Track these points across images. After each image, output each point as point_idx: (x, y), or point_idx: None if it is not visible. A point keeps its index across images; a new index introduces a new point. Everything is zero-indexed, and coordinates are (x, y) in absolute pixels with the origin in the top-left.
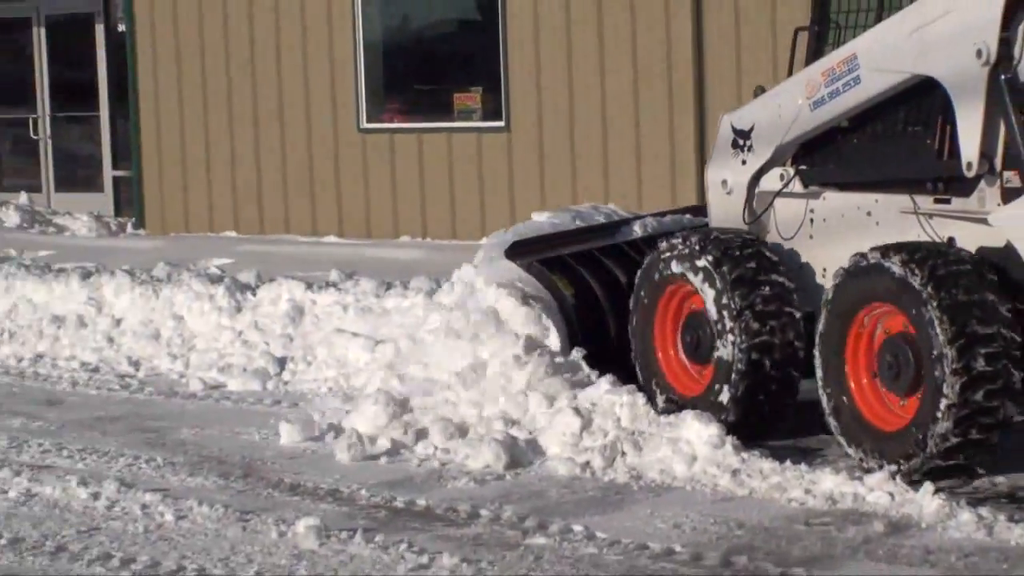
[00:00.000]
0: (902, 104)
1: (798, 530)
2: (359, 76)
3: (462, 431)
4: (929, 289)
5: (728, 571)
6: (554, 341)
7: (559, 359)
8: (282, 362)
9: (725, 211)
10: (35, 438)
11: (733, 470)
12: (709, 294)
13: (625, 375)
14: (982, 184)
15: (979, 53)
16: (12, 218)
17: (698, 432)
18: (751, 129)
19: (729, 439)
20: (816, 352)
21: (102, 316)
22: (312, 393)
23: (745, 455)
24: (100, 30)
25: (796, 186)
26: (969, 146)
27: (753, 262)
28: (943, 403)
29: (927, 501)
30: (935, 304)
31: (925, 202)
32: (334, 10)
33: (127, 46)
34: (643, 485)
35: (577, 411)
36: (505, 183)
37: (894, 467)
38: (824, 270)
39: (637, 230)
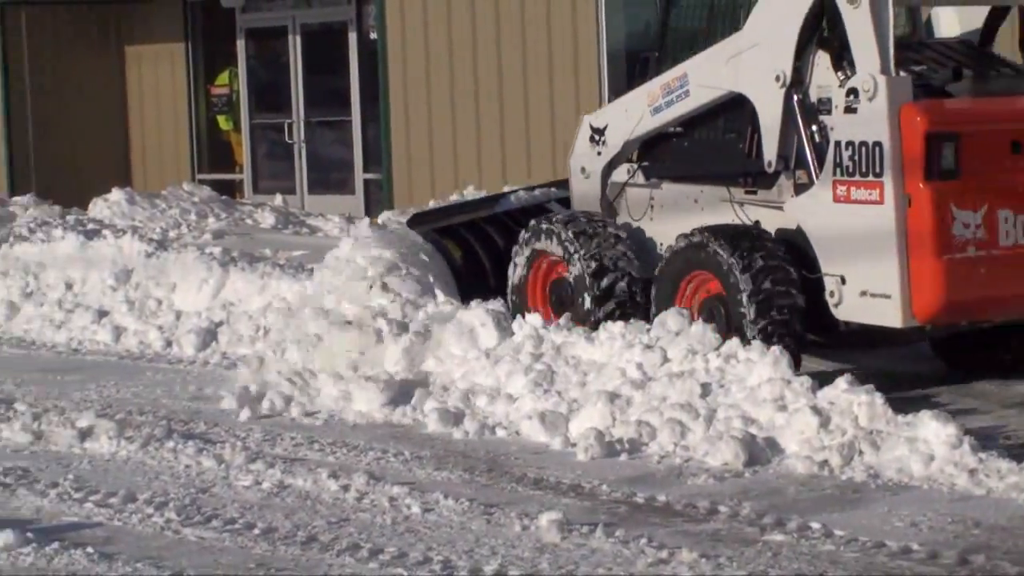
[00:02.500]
0: (721, 115)
1: None
2: (603, 83)
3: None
4: (736, 259)
5: (965, 570)
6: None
7: None
8: None
9: (584, 193)
10: (288, 432)
11: (970, 469)
12: (571, 263)
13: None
14: (781, 179)
15: (777, 77)
16: (267, 219)
17: (936, 432)
18: (605, 127)
19: (967, 439)
20: (652, 306)
21: None
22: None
23: (983, 455)
24: (353, 38)
25: (640, 178)
26: (769, 149)
27: (602, 238)
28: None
29: None
30: (740, 270)
31: (738, 193)
32: (579, 17)
33: (378, 53)
34: (880, 484)
35: (815, 410)
36: None
37: None
38: (662, 244)
39: (513, 202)
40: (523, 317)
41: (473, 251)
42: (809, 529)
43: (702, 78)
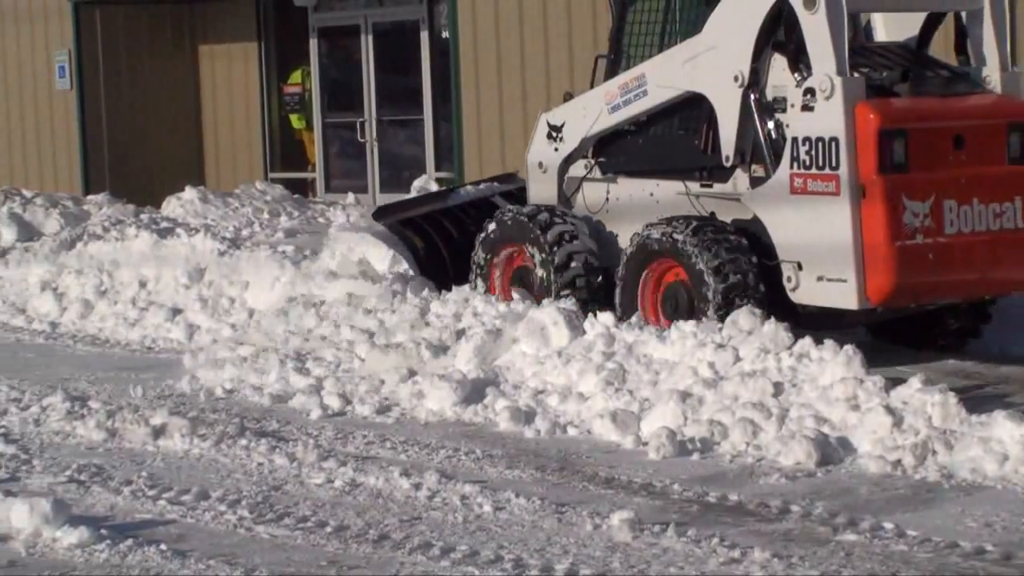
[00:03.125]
0: (676, 113)
1: None
2: None
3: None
4: (699, 249)
5: None
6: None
7: None
8: None
9: (541, 187)
10: (360, 430)
11: None
12: (534, 254)
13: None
14: (736, 173)
15: (736, 78)
16: (339, 218)
17: (1010, 431)
18: (563, 125)
19: None
20: (616, 293)
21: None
22: None
23: None
24: (424, 37)
25: (597, 173)
26: (727, 145)
27: (563, 229)
28: None
29: None
30: (704, 260)
31: (694, 186)
32: None
33: (450, 52)
34: (954, 484)
35: (889, 409)
36: None
37: None
38: (618, 236)
39: (462, 195)
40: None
41: (432, 241)
42: (882, 529)
43: (660, 79)
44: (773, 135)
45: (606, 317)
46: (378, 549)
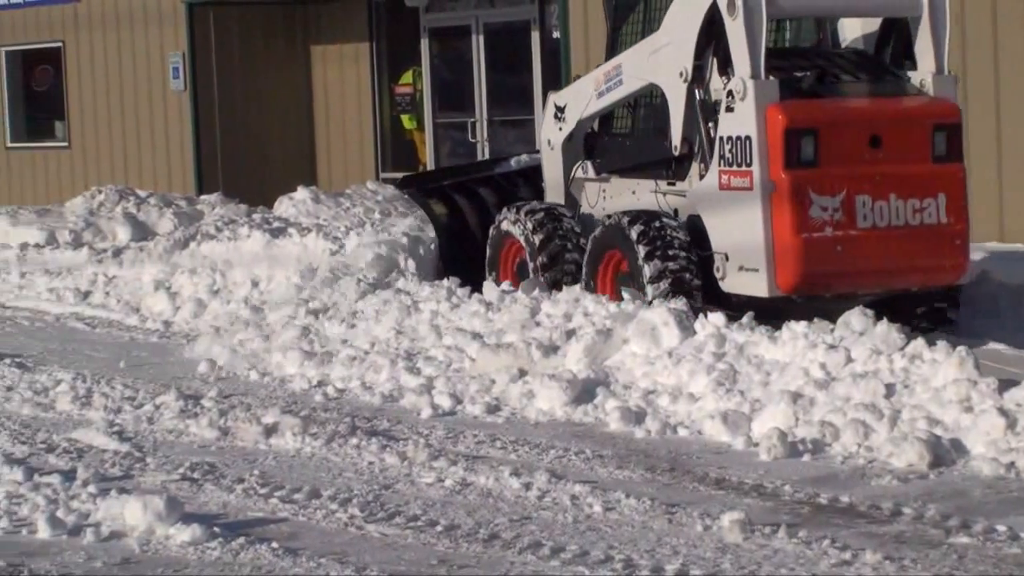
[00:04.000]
0: (651, 113)
1: None
2: None
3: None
4: (639, 240)
5: None
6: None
7: None
8: None
9: (550, 164)
10: (470, 429)
11: None
12: (527, 247)
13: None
14: (692, 172)
15: (681, 73)
16: None
17: None
18: (565, 106)
19: None
20: (583, 276)
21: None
22: None
23: None
24: (535, 37)
25: (592, 173)
26: (675, 135)
27: (553, 225)
28: None
29: None
30: (642, 250)
31: (663, 185)
32: None
33: (561, 52)
34: None
35: (1002, 411)
36: None
37: None
38: None
39: (512, 165)
40: (496, 284)
41: (458, 210)
42: (995, 532)
43: (631, 69)
44: (712, 134)
45: (717, 317)
46: (488, 548)
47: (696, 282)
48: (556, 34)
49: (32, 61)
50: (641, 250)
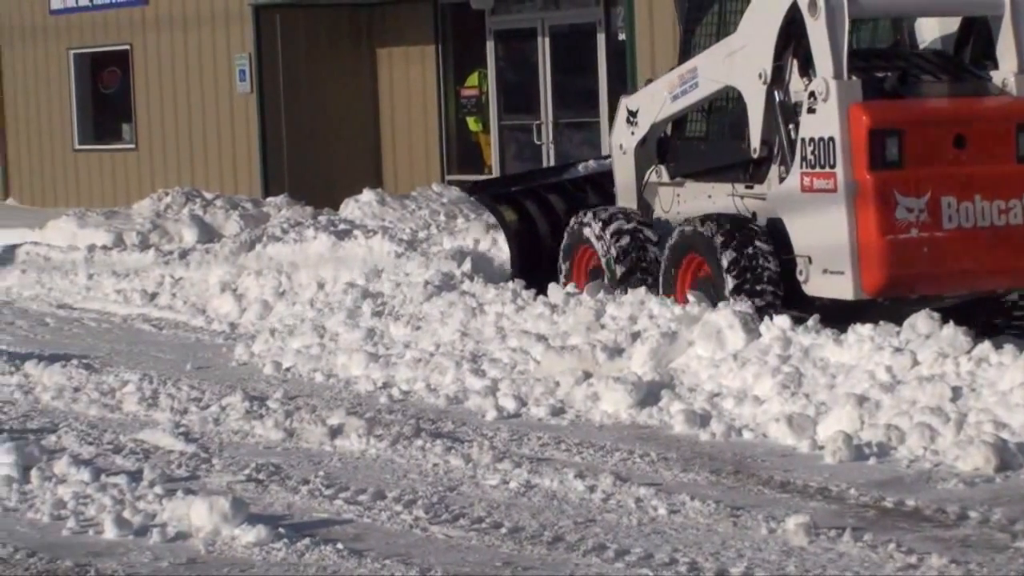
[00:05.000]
0: (728, 118)
1: None
2: None
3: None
4: (724, 248)
5: None
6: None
7: None
8: None
9: (622, 168)
10: (534, 432)
11: None
12: (602, 254)
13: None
14: (771, 173)
15: (760, 75)
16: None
17: None
18: (638, 110)
19: None
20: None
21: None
22: None
23: None
24: (601, 39)
25: (665, 177)
26: (754, 137)
27: (630, 230)
28: None
29: None
30: (726, 259)
31: (740, 188)
32: None
33: (627, 54)
34: None
35: None
36: None
37: None
38: None
39: (580, 171)
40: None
41: (528, 216)
42: None
43: (707, 72)
44: (792, 136)
45: (782, 320)
46: (552, 551)
47: (779, 295)
48: (622, 36)
49: (100, 64)
50: (725, 259)
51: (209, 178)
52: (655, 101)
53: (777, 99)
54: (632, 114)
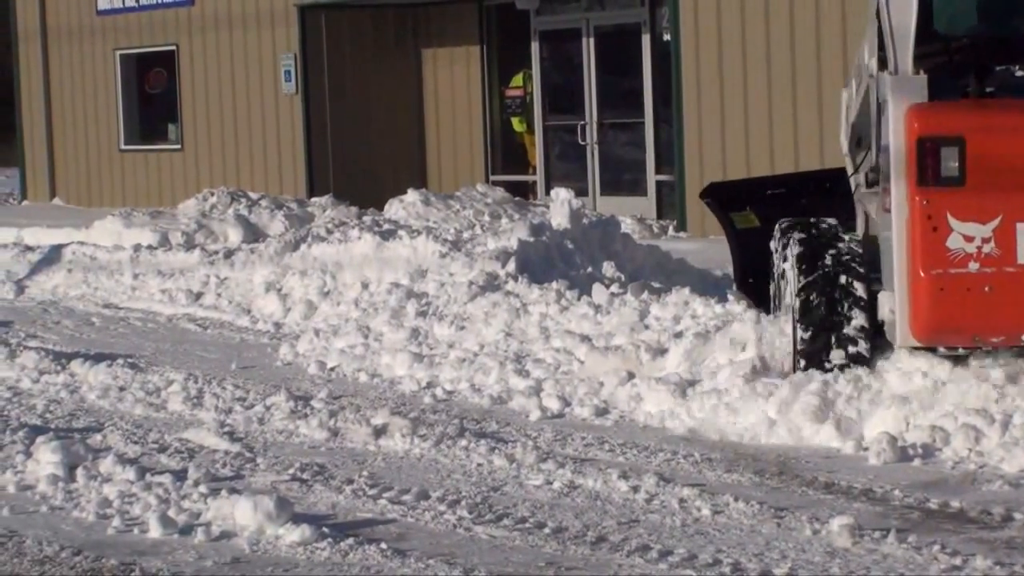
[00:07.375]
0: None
1: None
2: None
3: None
4: (794, 260)
5: None
6: None
7: None
8: None
9: (847, 163)
10: (578, 432)
11: None
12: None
13: None
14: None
15: (866, 69)
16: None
17: None
18: (848, 106)
19: None
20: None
21: None
22: None
23: None
24: (646, 40)
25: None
26: (844, 132)
27: (833, 252)
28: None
29: None
30: (796, 274)
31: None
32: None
33: (672, 55)
34: None
35: None
36: None
37: None
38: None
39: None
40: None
41: (759, 225)
42: None
43: (864, 68)
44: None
45: None
46: (596, 551)
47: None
48: (667, 37)
49: (146, 64)
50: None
51: (254, 178)
52: (850, 95)
53: (872, 99)
54: (846, 109)
